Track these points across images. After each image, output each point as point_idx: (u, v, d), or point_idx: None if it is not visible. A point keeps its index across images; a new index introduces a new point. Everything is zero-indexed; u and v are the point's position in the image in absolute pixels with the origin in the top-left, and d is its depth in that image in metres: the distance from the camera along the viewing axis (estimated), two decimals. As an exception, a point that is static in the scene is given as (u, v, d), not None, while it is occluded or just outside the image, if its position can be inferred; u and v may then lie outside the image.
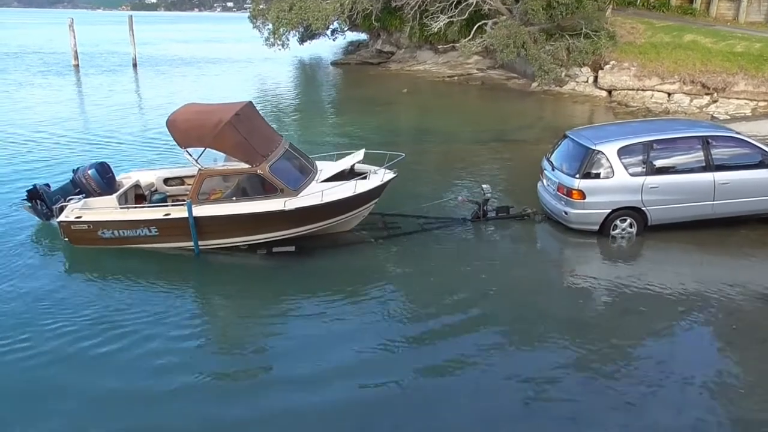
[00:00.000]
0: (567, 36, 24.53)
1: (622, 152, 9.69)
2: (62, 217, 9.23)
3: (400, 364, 6.84)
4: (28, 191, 9.96)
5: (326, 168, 10.13)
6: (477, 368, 6.75)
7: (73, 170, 10.26)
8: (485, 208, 10.84)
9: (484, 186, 10.95)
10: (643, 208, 9.79)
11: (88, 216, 9.23)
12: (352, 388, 6.44)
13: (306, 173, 9.76)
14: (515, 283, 8.78)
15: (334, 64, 35.92)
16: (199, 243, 9.22)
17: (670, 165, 9.88)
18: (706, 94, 21.55)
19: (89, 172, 9.86)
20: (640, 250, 9.95)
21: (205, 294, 8.77)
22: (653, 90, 22.56)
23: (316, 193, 9.23)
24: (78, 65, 32.07)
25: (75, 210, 9.35)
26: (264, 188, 9.26)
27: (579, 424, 5.91)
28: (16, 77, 28.42)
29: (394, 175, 10.09)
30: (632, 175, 9.65)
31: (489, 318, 7.74)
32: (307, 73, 35.03)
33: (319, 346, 7.17)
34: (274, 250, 9.58)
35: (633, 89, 23.00)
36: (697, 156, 9.81)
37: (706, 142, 9.83)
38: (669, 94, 22.26)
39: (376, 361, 6.91)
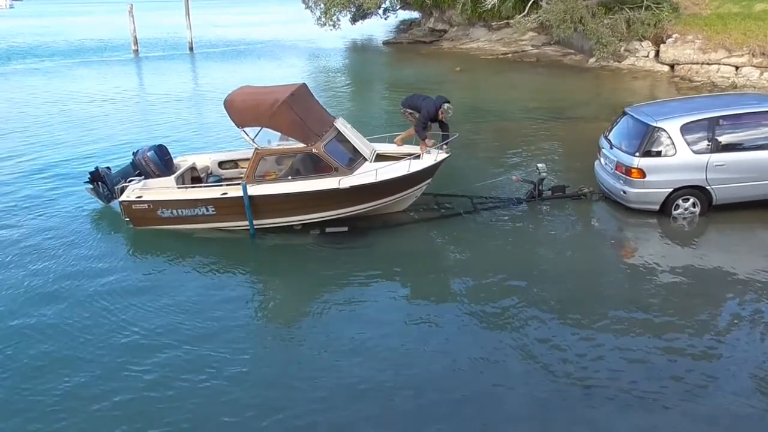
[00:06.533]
0: (627, 8, 23.59)
1: (685, 129, 9.33)
2: (123, 198, 9.55)
3: (453, 344, 6.82)
4: (90, 173, 10.29)
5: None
6: (532, 350, 6.66)
7: (133, 153, 10.56)
8: (540, 187, 10.62)
9: (539, 165, 10.74)
10: (708, 187, 9.42)
11: (148, 196, 9.53)
12: (402, 365, 6.45)
13: (359, 153, 9.77)
14: (571, 264, 8.60)
15: (386, 43, 35.68)
16: (255, 222, 9.40)
17: (737, 142, 9.46)
18: (778, 67, 20.40)
19: (148, 154, 10.14)
20: (704, 230, 9.58)
21: (261, 273, 8.94)
22: (719, 63, 21.48)
23: (370, 172, 9.25)
24: (137, 50, 32.91)
25: (135, 190, 9.66)
26: (319, 167, 9.36)
27: (638, 408, 5.77)
28: (78, 63, 29.42)
29: (448, 155, 10.00)
30: (696, 152, 9.29)
31: (543, 300, 7.60)
32: (360, 52, 34.94)
33: (370, 326, 7.22)
34: (328, 230, 9.67)
35: (697, 63, 21.95)
36: (768, 132, 9.36)
37: (777, 118, 9.36)
38: (737, 68, 21.16)
39: (429, 342, 6.91)
